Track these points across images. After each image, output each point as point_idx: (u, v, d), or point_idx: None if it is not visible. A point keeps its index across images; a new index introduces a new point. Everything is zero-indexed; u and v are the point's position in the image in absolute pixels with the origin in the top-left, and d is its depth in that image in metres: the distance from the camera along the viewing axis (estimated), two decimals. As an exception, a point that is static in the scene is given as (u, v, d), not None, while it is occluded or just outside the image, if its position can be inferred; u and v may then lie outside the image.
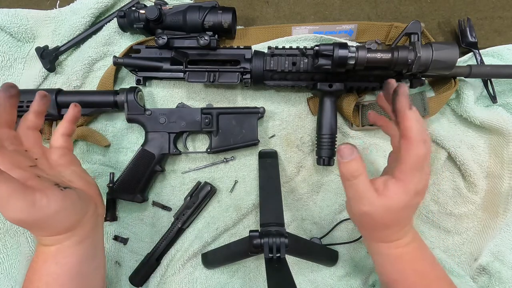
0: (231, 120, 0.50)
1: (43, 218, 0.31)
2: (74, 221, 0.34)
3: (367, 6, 0.55)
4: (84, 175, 0.40)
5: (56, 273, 0.35)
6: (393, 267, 0.39)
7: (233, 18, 0.50)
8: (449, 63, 0.41)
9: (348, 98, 0.50)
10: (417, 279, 0.37)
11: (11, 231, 0.51)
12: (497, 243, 0.49)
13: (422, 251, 0.39)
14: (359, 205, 0.34)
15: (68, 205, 0.32)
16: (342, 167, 0.33)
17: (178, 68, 0.50)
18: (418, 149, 0.31)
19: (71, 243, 0.35)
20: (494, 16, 0.54)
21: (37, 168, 0.35)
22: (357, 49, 0.41)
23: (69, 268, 0.35)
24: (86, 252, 0.36)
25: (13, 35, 0.53)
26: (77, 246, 0.35)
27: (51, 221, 0.32)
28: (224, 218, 0.51)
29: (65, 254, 0.35)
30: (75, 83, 0.52)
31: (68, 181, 0.38)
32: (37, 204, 0.30)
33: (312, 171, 0.53)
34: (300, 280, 0.52)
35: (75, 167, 0.40)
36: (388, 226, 0.36)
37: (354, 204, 0.35)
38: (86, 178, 0.40)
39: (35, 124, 0.38)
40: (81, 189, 0.37)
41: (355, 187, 0.34)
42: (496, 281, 0.48)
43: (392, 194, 0.33)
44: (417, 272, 0.38)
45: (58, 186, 0.33)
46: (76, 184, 0.38)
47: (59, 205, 0.31)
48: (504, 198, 0.49)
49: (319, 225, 0.53)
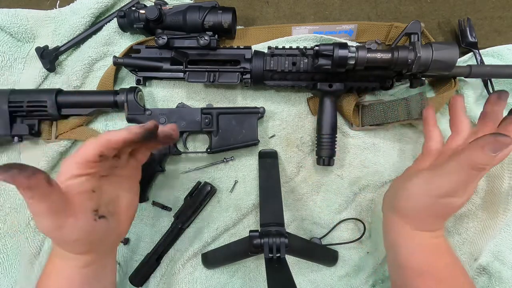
0: (231, 120, 0.50)
1: (60, 240, 0.31)
2: (87, 249, 0.33)
3: (367, 6, 0.55)
4: (134, 194, 0.38)
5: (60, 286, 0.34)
6: (425, 258, 0.38)
7: (233, 18, 0.50)
8: (449, 63, 0.41)
9: (348, 98, 0.50)
10: (446, 273, 0.37)
11: (11, 231, 0.51)
12: (497, 243, 0.49)
13: (450, 245, 0.40)
14: (462, 194, 0.35)
15: (90, 237, 0.32)
16: (488, 159, 0.32)
17: (178, 68, 0.50)
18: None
19: (77, 265, 0.34)
20: (494, 16, 0.54)
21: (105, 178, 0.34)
22: (357, 49, 0.41)
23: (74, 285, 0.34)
24: (91, 274, 0.35)
25: (13, 35, 0.52)
26: (82, 269, 0.34)
27: (67, 245, 0.32)
28: (224, 218, 0.51)
29: (69, 275, 0.34)
30: (75, 83, 0.51)
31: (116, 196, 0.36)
32: (63, 229, 0.30)
33: (312, 171, 0.53)
34: (300, 280, 0.52)
35: (134, 184, 0.38)
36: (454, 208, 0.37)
37: (443, 183, 0.35)
38: (134, 197, 0.38)
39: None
40: (118, 214, 0.35)
41: (475, 177, 0.34)
42: (496, 281, 0.48)
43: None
44: (447, 266, 0.38)
45: (95, 213, 0.32)
46: (120, 201, 0.36)
47: (81, 236, 0.31)
48: (504, 198, 0.49)
49: (319, 225, 0.53)
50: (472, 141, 0.33)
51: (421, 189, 0.37)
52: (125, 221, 0.37)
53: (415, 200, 0.38)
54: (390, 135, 0.52)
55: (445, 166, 0.36)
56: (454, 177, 0.34)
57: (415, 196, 0.38)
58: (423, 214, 0.38)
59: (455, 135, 0.41)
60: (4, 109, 0.47)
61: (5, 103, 0.47)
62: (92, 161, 0.30)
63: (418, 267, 0.38)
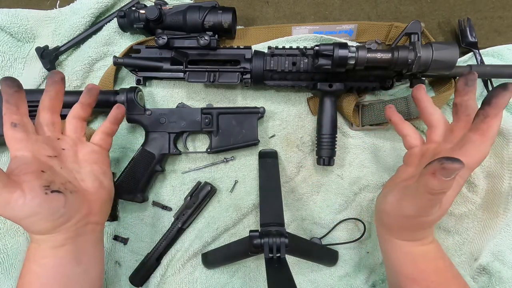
0: (231, 120, 0.50)
1: (15, 217, 0.32)
2: (48, 227, 0.34)
3: (367, 6, 0.55)
4: (102, 178, 0.40)
5: (36, 272, 0.35)
6: (415, 265, 0.38)
7: (233, 18, 0.50)
8: (449, 63, 0.41)
9: (348, 98, 0.50)
10: (436, 278, 0.37)
11: (11, 231, 0.51)
12: (497, 243, 0.49)
13: (441, 249, 0.39)
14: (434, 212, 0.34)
15: (45, 211, 0.32)
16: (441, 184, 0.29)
17: (178, 68, 0.50)
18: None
19: (47, 246, 0.35)
20: (494, 16, 0.54)
21: (56, 159, 0.36)
22: (357, 49, 0.41)
23: (48, 269, 0.35)
24: (67, 256, 0.35)
25: (13, 35, 0.53)
26: (55, 249, 0.35)
27: (24, 222, 0.33)
28: (224, 218, 0.51)
29: (42, 255, 0.35)
30: (75, 83, 0.52)
31: (81, 179, 0.38)
32: (12, 204, 0.31)
33: (312, 171, 0.53)
34: (300, 280, 0.52)
35: (97, 167, 0.40)
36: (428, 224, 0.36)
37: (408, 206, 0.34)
38: (102, 181, 0.40)
39: (79, 115, 0.41)
40: (81, 192, 0.37)
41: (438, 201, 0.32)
42: (496, 281, 0.48)
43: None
44: (438, 271, 0.37)
45: (46, 187, 0.32)
46: (85, 184, 0.38)
47: (34, 209, 0.32)
48: (504, 198, 0.49)
49: (319, 225, 0.53)
50: (425, 167, 0.30)
51: (393, 209, 0.37)
52: (95, 201, 0.38)
53: (390, 218, 0.38)
54: (390, 135, 0.52)
55: (409, 190, 0.34)
56: (417, 201, 0.33)
57: (390, 214, 0.38)
58: (401, 229, 0.38)
59: (431, 130, 0.39)
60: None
61: (5, 103, 0.47)
62: (16, 133, 0.34)
63: (409, 273, 0.38)
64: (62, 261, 0.35)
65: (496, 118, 0.32)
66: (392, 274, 0.41)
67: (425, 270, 0.37)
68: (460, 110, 0.37)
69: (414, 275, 0.38)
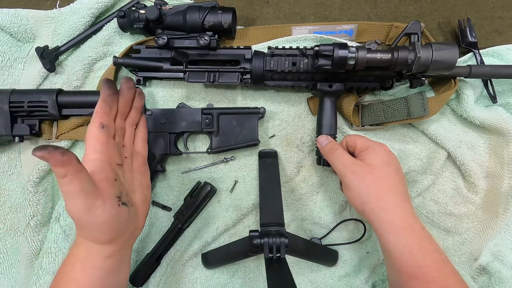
0: (232, 120, 0.50)
1: (90, 223, 0.32)
2: (111, 238, 0.34)
3: (367, 6, 0.55)
4: (147, 190, 0.40)
5: (82, 282, 0.34)
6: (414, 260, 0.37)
7: (233, 18, 0.50)
8: (449, 63, 0.41)
9: (348, 98, 0.50)
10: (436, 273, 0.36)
11: (11, 231, 0.51)
12: (497, 243, 0.49)
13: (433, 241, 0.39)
14: (348, 172, 0.40)
15: (114, 222, 0.33)
16: (323, 150, 0.43)
17: (178, 68, 0.50)
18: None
19: (100, 255, 0.34)
20: (494, 16, 0.54)
21: (121, 168, 0.36)
22: (357, 49, 0.41)
23: (95, 279, 0.35)
24: (112, 266, 0.36)
25: (13, 35, 0.53)
26: (105, 259, 0.35)
27: (93, 229, 0.33)
28: (224, 218, 0.51)
29: (94, 265, 0.35)
30: (75, 83, 0.51)
31: (132, 191, 0.38)
32: (92, 210, 0.31)
33: (312, 171, 0.53)
34: (300, 280, 0.52)
35: (145, 179, 0.40)
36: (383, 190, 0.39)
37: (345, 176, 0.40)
38: (147, 193, 0.40)
39: (135, 121, 0.41)
40: (135, 206, 0.37)
41: (337, 157, 0.41)
42: (496, 281, 0.48)
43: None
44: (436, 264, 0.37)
45: (119, 199, 0.33)
46: (136, 197, 0.38)
47: (108, 219, 0.32)
48: (504, 198, 0.49)
49: (319, 225, 0.53)
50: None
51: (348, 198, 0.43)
52: (142, 214, 0.39)
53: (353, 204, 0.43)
54: (390, 135, 0.52)
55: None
56: (337, 164, 0.43)
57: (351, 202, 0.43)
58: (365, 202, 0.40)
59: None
60: (5, 109, 0.47)
61: (6, 103, 0.47)
62: (101, 135, 0.34)
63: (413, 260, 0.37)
64: (107, 272, 0.35)
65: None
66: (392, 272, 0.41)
67: (425, 264, 0.37)
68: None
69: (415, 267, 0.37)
